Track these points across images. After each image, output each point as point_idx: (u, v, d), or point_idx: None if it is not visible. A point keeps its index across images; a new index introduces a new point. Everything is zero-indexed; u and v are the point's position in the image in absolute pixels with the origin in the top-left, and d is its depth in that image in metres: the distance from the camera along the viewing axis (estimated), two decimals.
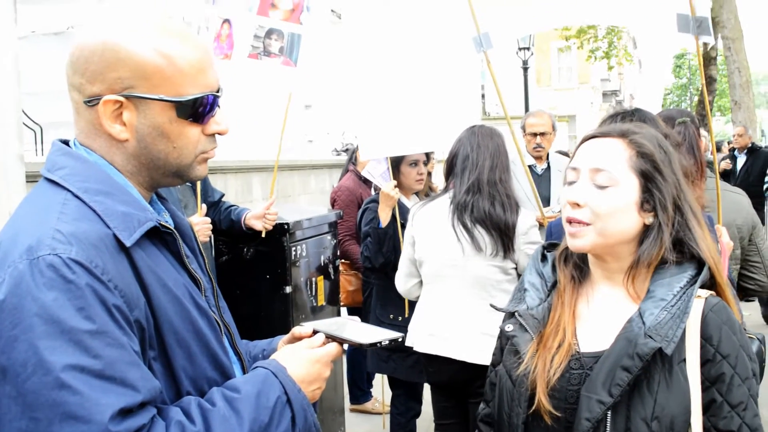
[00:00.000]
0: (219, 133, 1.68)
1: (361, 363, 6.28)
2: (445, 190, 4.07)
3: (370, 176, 5.67)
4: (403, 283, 4.24)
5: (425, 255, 4.03)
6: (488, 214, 3.81)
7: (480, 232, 3.83)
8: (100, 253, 1.43)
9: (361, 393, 6.70)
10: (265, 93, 4.92)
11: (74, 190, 1.52)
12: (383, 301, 5.08)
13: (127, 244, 1.49)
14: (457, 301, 3.89)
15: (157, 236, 1.60)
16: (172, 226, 1.64)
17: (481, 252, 3.82)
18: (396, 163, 5.12)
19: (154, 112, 1.56)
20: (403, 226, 4.81)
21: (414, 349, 4.03)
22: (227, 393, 1.55)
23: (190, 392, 1.57)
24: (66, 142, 1.64)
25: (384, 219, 4.95)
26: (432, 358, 3.97)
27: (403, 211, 5.02)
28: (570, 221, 1.98)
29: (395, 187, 4.94)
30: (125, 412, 1.35)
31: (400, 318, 4.87)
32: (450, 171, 4.06)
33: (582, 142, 2.08)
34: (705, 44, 18.14)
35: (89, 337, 1.35)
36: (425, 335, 3.98)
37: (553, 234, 3.12)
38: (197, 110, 1.59)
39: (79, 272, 1.38)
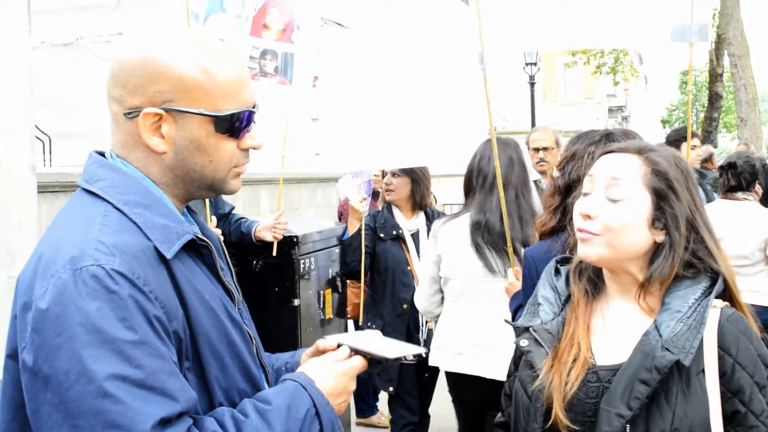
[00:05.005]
0: (254, 148, 1.71)
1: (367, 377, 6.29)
2: (464, 207, 4.07)
3: (343, 188, 5.72)
4: (424, 300, 4.20)
5: (451, 273, 4.01)
6: (500, 234, 3.82)
7: (492, 253, 3.84)
8: (142, 264, 1.46)
9: (366, 407, 6.70)
10: (264, 112, 4.96)
11: (114, 202, 1.54)
12: (366, 309, 5.24)
13: (168, 256, 1.51)
14: (483, 319, 3.87)
15: (193, 249, 1.63)
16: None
17: (494, 273, 3.83)
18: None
19: (193, 125, 1.58)
20: (383, 239, 5.03)
21: (442, 369, 4.03)
22: (259, 405, 1.57)
23: (222, 403, 1.59)
24: (102, 154, 1.67)
25: (350, 230, 5.12)
26: (460, 377, 3.96)
27: (388, 225, 5.11)
28: (581, 230, 2.00)
29: (363, 200, 5.09)
30: (165, 422, 1.37)
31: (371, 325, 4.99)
32: (468, 188, 4.06)
33: (601, 155, 2.09)
34: (711, 61, 18.19)
35: (131, 347, 1.37)
36: (452, 354, 3.97)
37: (535, 261, 2.97)
38: (234, 125, 1.62)
39: (122, 283, 1.40)
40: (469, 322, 3.92)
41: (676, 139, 6.75)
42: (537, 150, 5.99)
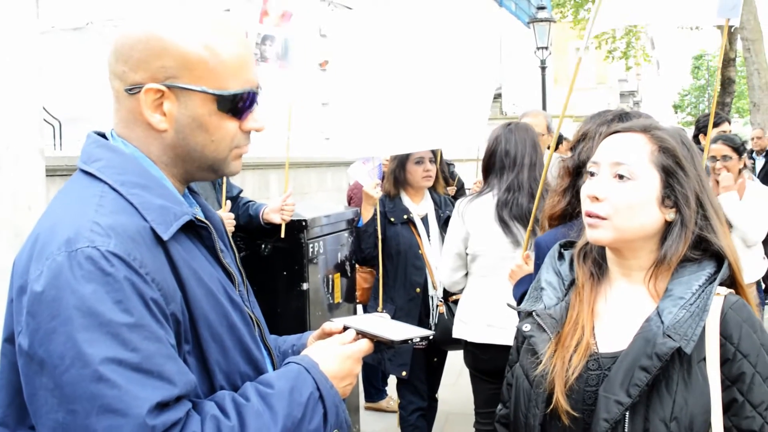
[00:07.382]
0: (255, 130, 1.68)
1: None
2: (487, 186, 4.20)
3: (355, 174, 5.68)
4: (448, 276, 4.38)
5: (480, 249, 4.19)
6: (528, 210, 3.93)
7: (518, 228, 3.98)
8: (138, 246, 1.44)
9: (375, 391, 6.71)
10: (268, 96, 4.97)
11: (111, 183, 1.52)
12: (374, 294, 5.27)
13: (165, 237, 1.49)
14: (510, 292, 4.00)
15: (192, 230, 1.61)
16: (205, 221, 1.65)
17: (520, 247, 3.94)
18: (402, 162, 5.13)
19: (195, 103, 1.56)
20: (394, 224, 5.04)
21: (467, 340, 4.21)
22: (261, 388, 1.55)
23: (224, 386, 1.58)
24: (102, 135, 1.64)
25: (365, 217, 5.10)
26: (486, 348, 4.11)
27: (398, 210, 5.09)
28: (589, 215, 1.97)
29: (376, 186, 5.04)
30: (162, 406, 1.36)
31: (381, 310, 4.97)
32: (489, 168, 4.19)
33: (605, 136, 2.07)
34: (727, 45, 18.05)
35: (127, 330, 1.35)
36: (482, 326, 4.13)
37: (549, 249, 2.87)
38: (237, 105, 1.60)
39: (118, 265, 1.38)
40: (498, 296, 3.91)
41: (705, 125, 6.71)
42: None
